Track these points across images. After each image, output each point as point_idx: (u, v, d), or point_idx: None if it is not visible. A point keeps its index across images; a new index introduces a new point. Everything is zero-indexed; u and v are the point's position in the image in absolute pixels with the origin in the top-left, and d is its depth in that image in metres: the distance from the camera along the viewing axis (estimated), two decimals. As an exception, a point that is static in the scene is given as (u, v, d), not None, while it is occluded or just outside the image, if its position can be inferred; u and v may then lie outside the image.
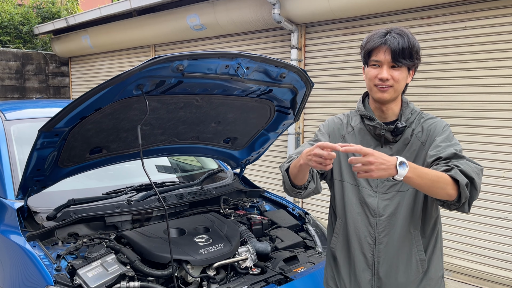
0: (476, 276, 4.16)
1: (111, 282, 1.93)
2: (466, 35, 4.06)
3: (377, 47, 1.59)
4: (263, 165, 5.94)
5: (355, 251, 1.72)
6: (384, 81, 1.60)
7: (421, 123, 1.69)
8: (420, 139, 1.67)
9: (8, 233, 2.22)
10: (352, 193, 1.74)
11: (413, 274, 1.69)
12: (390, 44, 1.57)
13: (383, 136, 1.68)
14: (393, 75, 1.59)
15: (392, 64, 1.58)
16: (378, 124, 1.67)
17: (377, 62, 1.60)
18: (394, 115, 1.71)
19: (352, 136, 1.77)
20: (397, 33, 1.58)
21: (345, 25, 4.97)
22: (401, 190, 1.67)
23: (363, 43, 1.68)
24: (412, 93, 4.44)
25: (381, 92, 1.62)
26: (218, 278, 2.17)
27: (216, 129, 2.65)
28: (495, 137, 3.97)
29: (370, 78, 1.63)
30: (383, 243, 1.68)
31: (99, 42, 8.30)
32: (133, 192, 2.61)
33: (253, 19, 5.52)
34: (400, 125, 1.64)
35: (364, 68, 1.70)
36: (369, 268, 1.71)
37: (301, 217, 2.94)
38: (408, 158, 1.64)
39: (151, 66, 1.76)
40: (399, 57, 1.56)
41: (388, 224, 1.67)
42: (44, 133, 1.88)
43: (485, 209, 4.06)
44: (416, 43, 1.60)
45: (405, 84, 1.65)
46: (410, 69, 1.64)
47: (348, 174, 1.75)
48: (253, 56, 2.00)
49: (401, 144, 1.68)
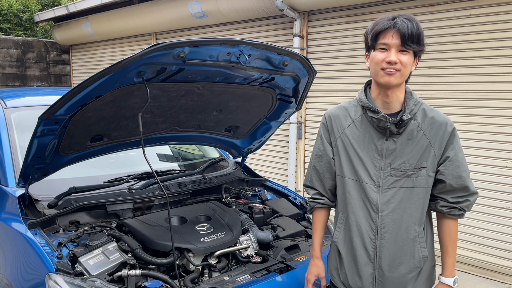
0: (477, 266, 4.17)
1: (112, 270, 1.93)
2: (471, 23, 4.01)
3: (385, 29, 1.58)
4: (265, 154, 5.93)
5: (357, 245, 1.73)
6: (392, 65, 1.58)
7: (426, 119, 1.67)
8: (428, 137, 1.65)
9: (9, 220, 2.22)
10: (354, 188, 1.73)
11: (414, 269, 1.70)
12: (399, 27, 1.55)
13: (388, 129, 1.65)
14: (401, 59, 1.57)
15: (401, 48, 1.57)
16: (383, 117, 1.64)
17: (385, 45, 1.58)
18: (399, 102, 1.68)
19: (352, 130, 1.75)
20: (405, 18, 1.57)
21: (348, 12, 4.92)
22: (404, 186, 1.66)
23: (368, 28, 1.65)
24: (416, 82, 4.41)
25: (388, 75, 1.59)
26: (220, 267, 2.17)
27: (218, 118, 2.63)
28: (498, 127, 3.94)
29: (377, 62, 1.61)
30: (385, 238, 1.68)
31: (100, 30, 8.25)
32: (135, 181, 2.61)
33: (255, 6, 5.46)
34: (405, 117, 1.62)
35: (369, 54, 1.67)
36: (371, 262, 1.71)
37: (302, 206, 2.93)
38: (414, 153, 1.64)
39: (152, 53, 1.74)
40: (408, 40, 1.55)
41: (390, 220, 1.67)
42: (45, 120, 1.86)
43: (488, 199, 4.05)
44: (422, 30, 1.59)
45: (410, 71, 1.64)
46: (415, 56, 1.62)
47: (349, 169, 1.75)
48: (255, 43, 1.97)
49: (405, 138, 1.66)
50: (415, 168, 1.65)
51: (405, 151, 1.65)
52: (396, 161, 1.66)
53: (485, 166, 4.04)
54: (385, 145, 1.67)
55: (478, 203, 4.10)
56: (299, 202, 2.96)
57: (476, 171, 4.09)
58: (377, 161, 1.68)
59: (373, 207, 1.68)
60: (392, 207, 1.66)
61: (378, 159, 1.68)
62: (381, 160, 1.68)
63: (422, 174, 1.65)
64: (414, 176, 1.65)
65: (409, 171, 1.65)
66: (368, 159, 1.69)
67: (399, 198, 1.66)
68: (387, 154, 1.67)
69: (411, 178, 1.65)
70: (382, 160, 1.67)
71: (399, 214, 1.66)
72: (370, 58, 1.66)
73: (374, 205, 1.68)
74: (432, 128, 1.65)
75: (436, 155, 1.65)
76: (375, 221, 1.68)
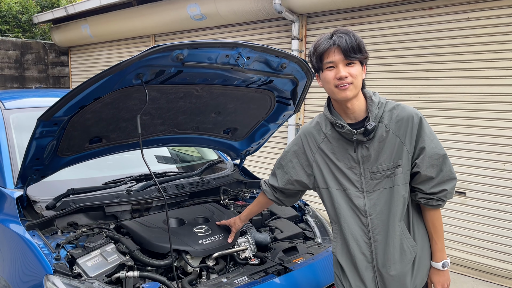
0: (475, 268, 4.18)
1: (110, 272, 1.93)
2: (469, 26, 4.02)
3: (327, 49, 1.64)
4: (263, 156, 5.93)
5: (354, 252, 1.77)
6: (343, 79, 1.63)
7: (393, 118, 1.71)
8: (398, 136, 1.70)
9: (7, 222, 2.22)
10: (340, 198, 1.78)
11: (408, 261, 1.74)
12: (338, 43, 1.62)
13: (356, 140, 1.71)
14: (350, 72, 1.64)
15: (346, 61, 1.63)
16: (348, 131, 1.70)
17: (332, 63, 1.64)
18: (362, 110, 1.73)
19: (327, 144, 1.81)
20: (342, 33, 1.64)
21: (346, 15, 4.93)
22: (385, 187, 1.72)
23: (311, 52, 1.72)
24: (414, 85, 4.42)
25: (343, 91, 1.65)
26: (217, 268, 2.18)
27: (216, 120, 2.64)
28: (496, 129, 3.95)
29: (329, 80, 1.67)
30: (378, 240, 1.74)
31: (99, 31, 8.25)
32: (133, 182, 2.61)
33: (254, 9, 5.48)
34: (369, 126, 1.67)
35: (319, 75, 1.73)
36: (370, 265, 1.76)
37: (300, 208, 2.94)
38: (388, 154, 1.70)
39: (150, 55, 1.75)
40: (350, 52, 1.62)
41: (379, 222, 1.73)
42: (43, 122, 1.87)
43: (485, 202, 4.06)
44: (361, 39, 1.66)
45: (362, 79, 1.69)
46: (362, 64, 1.68)
47: (332, 180, 1.80)
48: (254, 45, 1.98)
49: (377, 142, 1.71)
50: (392, 168, 1.70)
51: (380, 154, 1.71)
52: (373, 165, 1.72)
53: (482, 168, 4.06)
54: (359, 154, 1.73)
55: (475, 205, 4.11)
56: (297, 204, 2.96)
57: (474, 174, 4.11)
58: (356, 168, 1.74)
59: (361, 212, 1.74)
60: (379, 209, 1.72)
61: (356, 166, 1.74)
62: (359, 167, 1.73)
63: (399, 172, 1.70)
64: (392, 176, 1.71)
65: (387, 171, 1.71)
66: (347, 168, 1.76)
67: (383, 199, 1.72)
68: (364, 161, 1.73)
69: (390, 178, 1.71)
70: (360, 166, 1.73)
71: (386, 215, 1.72)
72: (321, 79, 1.73)
73: (362, 210, 1.74)
74: (399, 126, 1.70)
75: (409, 151, 1.70)
76: (366, 226, 1.74)
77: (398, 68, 4.55)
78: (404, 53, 4.46)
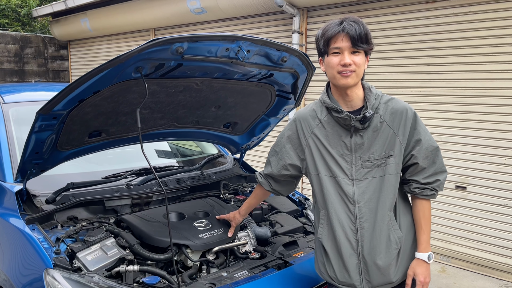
0: (475, 263, 4.18)
1: (110, 266, 1.93)
2: (470, 20, 4.00)
3: (335, 34, 1.66)
4: (263, 151, 5.92)
5: (340, 238, 1.78)
6: (347, 67, 1.66)
7: (388, 109, 1.75)
8: (391, 127, 1.74)
9: (7, 216, 2.21)
10: (330, 184, 1.80)
11: (394, 251, 1.77)
12: (348, 30, 1.64)
13: (353, 126, 1.72)
14: (354, 60, 1.66)
15: (353, 49, 1.66)
16: (347, 116, 1.72)
17: (338, 49, 1.67)
18: (360, 99, 1.76)
19: (321, 130, 1.83)
20: (352, 21, 1.66)
21: (347, 9, 4.90)
22: (375, 176, 1.75)
23: (318, 35, 1.73)
24: (414, 79, 4.41)
25: (345, 78, 1.68)
26: (218, 263, 2.18)
27: (216, 114, 2.63)
28: (497, 124, 3.94)
29: (333, 66, 1.69)
30: (365, 228, 1.76)
31: (99, 25, 8.22)
32: (133, 176, 2.60)
33: (254, 2, 5.44)
34: (368, 114, 1.70)
35: (323, 59, 1.75)
36: (355, 253, 1.78)
37: (300, 202, 2.94)
38: (381, 144, 1.74)
39: (150, 48, 1.73)
40: (358, 41, 1.64)
41: (367, 210, 1.75)
42: (42, 115, 1.86)
43: (486, 196, 4.06)
44: (369, 30, 1.68)
45: (363, 70, 1.72)
46: (366, 55, 1.71)
47: (323, 167, 1.82)
48: (254, 39, 1.97)
49: (371, 132, 1.74)
50: (383, 158, 1.74)
51: (372, 143, 1.74)
52: (365, 154, 1.75)
53: (483, 163, 4.05)
54: (353, 141, 1.75)
55: (475, 200, 4.11)
56: (297, 199, 2.96)
57: (474, 168, 4.10)
58: (348, 156, 1.77)
59: (350, 199, 1.76)
60: (368, 197, 1.75)
61: (348, 154, 1.77)
62: (351, 155, 1.76)
63: (390, 162, 1.75)
64: (383, 165, 1.75)
65: (378, 161, 1.74)
66: (339, 155, 1.78)
67: (372, 188, 1.75)
68: (356, 149, 1.75)
69: (381, 167, 1.75)
70: (352, 154, 1.76)
71: (374, 203, 1.75)
72: (325, 63, 1.75)
73: (351, 197, 1.76)
74: (394, 117, 1.74)
75: (402, 142, 1.75)
76: (353, 213, 1.76)
77: (398, 62, 4.53)
78: (405, 46, 4.43)
